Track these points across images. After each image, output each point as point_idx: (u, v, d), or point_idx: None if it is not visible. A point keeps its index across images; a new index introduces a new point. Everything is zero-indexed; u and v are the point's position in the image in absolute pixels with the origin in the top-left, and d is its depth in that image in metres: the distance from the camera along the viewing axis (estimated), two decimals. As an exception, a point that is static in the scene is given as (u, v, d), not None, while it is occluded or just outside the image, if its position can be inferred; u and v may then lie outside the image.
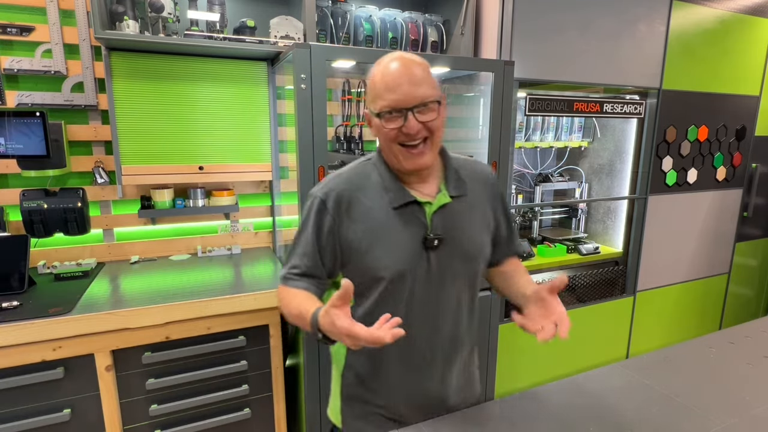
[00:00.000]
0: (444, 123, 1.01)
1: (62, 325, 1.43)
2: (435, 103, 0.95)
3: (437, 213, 1.03)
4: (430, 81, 0.97)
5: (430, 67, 1.00)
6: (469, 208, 1.08)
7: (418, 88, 0.94)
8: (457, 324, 1.09)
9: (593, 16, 2.12)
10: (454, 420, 1.00)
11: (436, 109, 0.96)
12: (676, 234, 2.67)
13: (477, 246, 1.08)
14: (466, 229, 1.06)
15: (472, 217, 1.08)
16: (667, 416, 1.00)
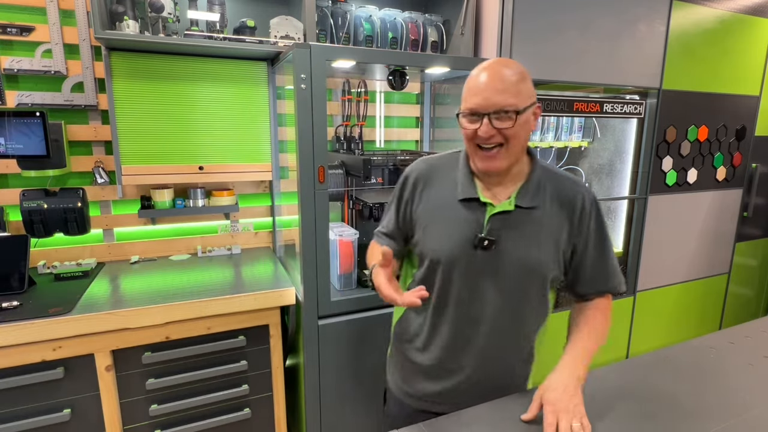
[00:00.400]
0: (527, 132, 1.03)
1: (62, 325, 1.43)
2: (514, 112, 0.98)
3: (497, 217, 1.07)
4: (516, 89, 0.98)
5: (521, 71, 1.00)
6: (537, 223, 1.07)
7: (499, 95, 0.97)
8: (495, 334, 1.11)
9: (593, 16, 2.12)
10: (454, 419, 1.00)
11: (514, 118, 0.98)
12: (676, 234, 2.67)
13: (530, 261, 1.07)
14: (524, 241, 1.07)
15: (536, 232, 1.07)
16: (667, 416, 1.00)
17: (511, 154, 1.03)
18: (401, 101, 2.45)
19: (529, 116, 1.02)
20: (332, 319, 1.71)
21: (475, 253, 1.07)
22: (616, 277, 1.16)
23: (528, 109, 1.01)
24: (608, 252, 1.15)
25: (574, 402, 0.95)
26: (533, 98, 1.02)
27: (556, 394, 0.96)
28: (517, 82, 0.99)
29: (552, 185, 1.10)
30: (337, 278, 1.80)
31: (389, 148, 2.45)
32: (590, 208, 1.12)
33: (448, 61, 1.79)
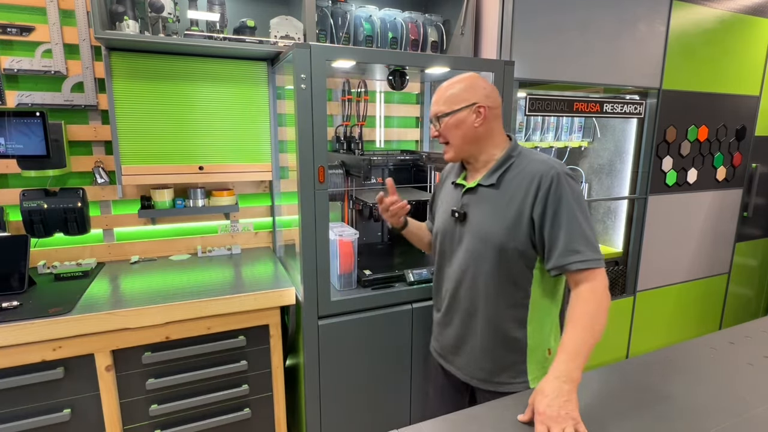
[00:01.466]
0: (465, 129, 1.25)
1: (62, 325, 1.43)
2: (442, 115, 1.26)
3: (467, 194, 1.30)
4: (446, 99, 1.25)
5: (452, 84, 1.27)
6: (499, 199, 1.23)
7: (434, 106, 1.29)
8: (473, 296, 1.29)
9: (593, 16, 2.12)
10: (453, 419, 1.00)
11: (444, 121, 1.26)
12: (676, 234, 2.67)
13: (489, 231, 1.23)
14: (485, 214, 1.25)
15: (497, 206, 1.23)
16: (667, 416, 1.00)
17: (456, 147, 1.28)
18: (401, 101, 2.45)
19: (462, 116, 1.24)
20: (332, 319, 1.71)
21: (455, 224, 1.32)
22: (577, 252, 1.12)
23: (455, 112, 1.24)
24: (568, 224, 1.13)
25: (566, 409, 0.92)
26: (468, 101, 1.23)
27: (547, 401, 0.94)
28: (448, 93, 1.26)
29: (521, 167, 1.23)
30: (337, 278, 1.80)
31: (389, 148, 2.45)
32: (551, 181, 1.16)
33: (448, 61, 1.79)
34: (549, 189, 1.16)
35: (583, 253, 1.12)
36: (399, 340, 1.84)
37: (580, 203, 1.17)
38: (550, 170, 1.17)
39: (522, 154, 1.27)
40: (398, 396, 1.91)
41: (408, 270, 1.86)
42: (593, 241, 1.15)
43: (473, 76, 1.28)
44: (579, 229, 1.14)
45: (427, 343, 1.90)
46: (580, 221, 1.15)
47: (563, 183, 1.16)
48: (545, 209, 1.16)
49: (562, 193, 1.15)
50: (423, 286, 1.84)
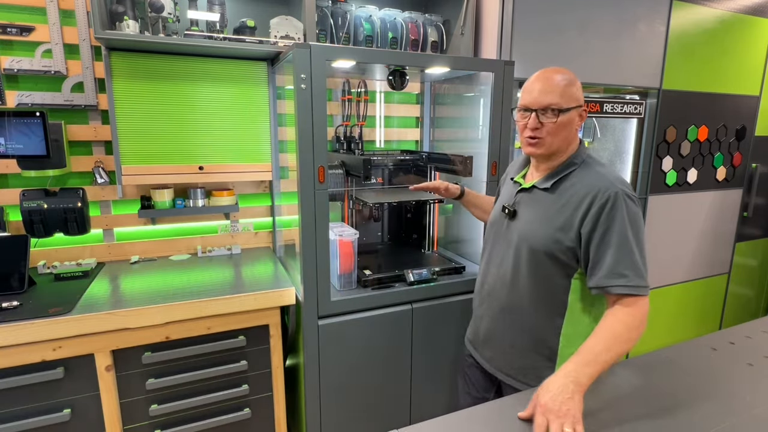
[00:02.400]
0: (569, 129, 1.20)
1: (62, 325, 1.43)
2: (557, 110, 1.17)
3: (522, 192, 1.30)
4: (561, 92, 1.17)
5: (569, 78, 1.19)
6: (551, 204, 1.21)
7: (546, 96, 1.17)
8: (510, 294, 1.29)
9: (593, 16, 2.12)
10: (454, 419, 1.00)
11: (557, 115, 1.17)
12: (676, 234, 2.67)
13: (533, 234, 1.22)
14: (533, 216, 1.24)
15: (547, 211, 1.21)
16: (667, 416, 1.00)
17: (550, 145, 1.21)
18: (401, 101, 2.45)
19: (572, 116, 1.19)
20: (332, 319, 1.71)
21: (504, 220, 1.32)
22: (623, 276, 1.10)
23: (570, 110, 1.18)
24: (618, 247, 1.11)
25: (567, 406, 0.92)
26: (579, 102, 1.20)
27: (550, 395, 0.94)
28: (564, 86, 1.17)
29: (581, 176, 1.20)
30: (337, 278, 1.80)
31: (389, 148, 2.45)
32: (607, 199, 1.12)
33: (448, 61, 1.79)
34: (603, 207, 1.12)
35: (628, 278, 1.10)
36: (399, 340, 1.84)
37: (635, 227, 1.12)
38: (610, 187, 1.13)
39: (585, 163, 1.24)
40: (398, 396, 1.91)
41: (408, 270, 1.86)
42: (641, 267, 1.11)
43: (573, 74, 1.22)
44: (628, 253, 1.11)
45: (427, 343, 1.90)
46: (632, 245, 1.11)
47: (620, 203, 1.12)
48: (595, 227, 1.13)
49: (616, 213, 1.12)
50: (423, 286, 1.84)
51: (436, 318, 1.88)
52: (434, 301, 1.87)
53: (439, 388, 1.97)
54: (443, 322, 1.90)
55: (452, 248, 2.31)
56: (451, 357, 1.95)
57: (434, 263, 2.05)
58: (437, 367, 1.95)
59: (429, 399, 1.97)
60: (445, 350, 1.93)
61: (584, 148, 1.27)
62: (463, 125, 2.19)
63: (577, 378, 0.98)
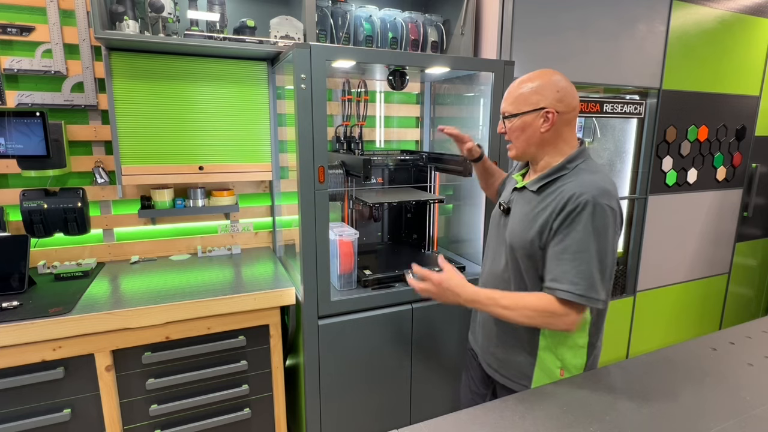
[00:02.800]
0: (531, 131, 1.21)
1: (62, 325, 1.43)
2: (509, 115, 1.24)
3: (516, 191, 1.32)
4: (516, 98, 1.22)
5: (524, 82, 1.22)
6: (534, 207, 1.22)
7: (503, 103, 1.27)
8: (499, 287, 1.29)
9: (593, 16, 2.12)
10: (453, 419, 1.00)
11: (510, 121, 1.24)
12: (676, 234, 2.67)
13: (516, 233, 1.24)
14: (519, 216, 1.26)
15: (529, 213, 1.23)
16: (667, 416, 1.00)
17: (516, 148, 1.27)
18: (401, 101, 2.45)
19: (527, 120, 1.21)
20: (332, 319, 1.71)
21: (501, 216, 1.35)
22: (573, 283, 1.09)
23: (522, 114, 1.21)
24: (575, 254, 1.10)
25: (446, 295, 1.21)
26: (535, 105, 1.19)
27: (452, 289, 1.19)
28: (517, 94, 1.22)
29: (566, 181, 1.19)
30: (337, 278, 1.80)
31: (389, 148, 2.45)
32: (577, 206, 1.11)
33: (448, 61, 1.79)
34: (571, 212, 1.11)
35: (577, 286, 1.09)
36: (399, 340, 1.84)
37: (600, 237, 1.10)
38: (584, 194, 1.11)
39: (578, 168, 1.19)
40: (398, 396, 1.91)
41: (408, 270, 1.85)
42: (595, 278, 1.09)
43: (548, 74, 1.20)
44: (584, 262, 1.09)
45: (427, 343, 1.90)
46: (590, 255, 1.09)
47: (587, 211, 1.10)
48: (559, 228, 1.13)
49: (580, 220, 1.10)
50: (423, 286, 1.84)
51: (436, 318, 1.88)
52: (434, 301, 1.86)
53: (439, 388, 1.97)
54: (443, 322, 1.90)
55: (452, 248, 2.31)
56: (451, 357, 1.95)
57: (434, 263, 2.05)
58: (437, 367, 1.95)
59: (429, 399, 1.97)
60: (445, 350, 1.93)
61: (582, 153, 1.22)
62: (463, 125, 2.19)
63: (467, 295, 1.18)
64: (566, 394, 1.09)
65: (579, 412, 1.01)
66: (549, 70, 1.21)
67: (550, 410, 1.03)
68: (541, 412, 1.02)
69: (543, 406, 1.04)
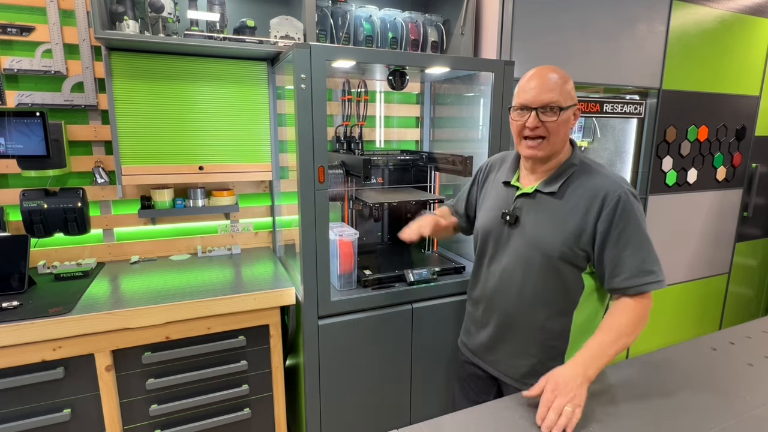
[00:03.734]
0: (566, 128, 1.19)
1: (62, 325, 1.43)
2: (558, 108, 1.15)
3: (522, 198, 1.25)
4: (561, 90, 1.15)
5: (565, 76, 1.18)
6: (559, 209, 1.19)
7: (546, 94, 1.15)
8: (516, 301, 1.25)
9: (593, 16, 2.12)
10: (453, 419, 1.00)
11: (557, 113, 1.15)
12: (676, 234, 2.67)
13: (545, 240, 1.19)
14: (542, 222, 1.21)
15: (556, 216, 1.19)
16: (667, 416, 1.00)
17: (551, 145, 1.19)
18: (401, 101, 2.45)
19: (569, 115, 1.18)
20: (332, 319, 1.71)
21: (503, 226, 1.28)
22: (652, 272, 1.12)
23: (569, 108, 1.17)
24: (638, 245, 1.13)
25: (575, 391, 0.99)
26: (575, 100, 1.19)
27: (563, 378, 1.02)
28: (561, 84, 1.16)
29: (584, 178, 1.19)
30: (337, 278, 1.80)
31: (389, 148, 2.45)
32: (618, 200, 1.13)
33: (448, 61, 1.79)
34: (616, 208, 1.13)
35: (656, 274, 1.12)
36: (399, 340, 1.84)
37: (644, 222, 1.15)
38: (617, 189, 1.14)
39: (584, 164, 1.23)
40: (398, 396, 1.91)
41: (408, 270, 1.86)
42: (660, 261, 1.14)
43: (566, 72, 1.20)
44: (650, 250, 1.13)
45: (427, 343, 1.90)
46: (649, 242, 1.14)
47: (630, 203, 1.13)
48: (610, 228, 1.13)
49: (630, 213, 1.13)
50: (423, 286, 1.84)
51: (436, 318, 1.88)
52: (434, 301, 1.87)
53: (439, 388, 1.97)
54: (443, 322, 1.90)
55: (452, 248, 2.31)
56: (451, 357, 1.95)
57: (434, 263, 2.05)
58: (437, 367, 1.95)
59: (429, 399, 1.97)
60: (445, 350, 1.93)
61: (578, 148, 1.27)
62: (463, 125, 2.19)
63: (586, 370, 1.04)
64: (566, 394, 1.09)
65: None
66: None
67: (550, 410, 1.02)
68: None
69: (543, 406, 1.04)
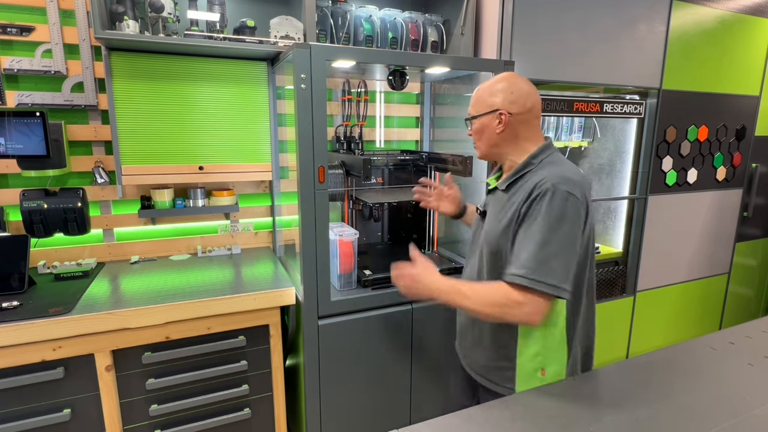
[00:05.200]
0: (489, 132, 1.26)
1: (62, 325, 1.43)
2: (471, 118, 1.31)
3: (489, 194, 1.36)
4: (477, 100, 1.28)
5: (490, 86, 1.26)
6: (505, 202, 1.24)
7: (469, 106, 1.31)
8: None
9: (593, 16, 2.12)
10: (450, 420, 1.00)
11: (470, 124, 1.32)
12: (676, 234, 2.67)
13: (492, 232, 1.24)
14: (491, 216, 1.28)
15: (502, 209, 1.24)
16: (667, 416, 1.00)
17: (480, 149, 1.32)
18: (401, 101, 2.45)
19: (486, 121, 1.26)
20: (332, 319, 1.71)
21: (480, 221, 1.37)
22: (523, 267, 1.07)
23: (481, 116, 1.27)
24: (530, 239, 1.09)
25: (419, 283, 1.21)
26: (492, 107, 1.24)
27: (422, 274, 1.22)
28: (480, 94, 1.28)
29: (531, 175, 1.21)
30: (337, 278, 1.80)
31: (389, 148, 2.45)
32: (540, 192, 1.12)
33: (448, 61, 1.79)
34: (535, 199, 1.12)
35: (527, 269, 1.07)
36: (399, 340, 1.84)
37: (559, 223, 1.08)
38: (546, 182, 1.12)
39: (543, 162, 1.21)
40: (398, 396, 1.91)
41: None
42: (552, 265, 1.06)
43: (508, 77, 1.25)
44: (539, 248, 1.07)
45: (427, 342, 1.90)
46: (546, 241, 1.07)
47: (547, 197, 1.10)
48: (523, 217, 1.14)
49: (541, 206, 1.10)
50: (423, 286, 1.84)
51: (436, 318, 1.88)
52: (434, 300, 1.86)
53: (439, 388, 1.97)
54: (443, 322, 1.90)
55: (452, 248, 2.31)
56: (450, 357, 1.94)
57: (434, 263, 2.04)
58: (437, 367, 1.95)
59: (429, 399, 1.97)
60: (445, 350, 1.93)
61: (546, 148, 1.24)
62: (463, 125, 2.19)
63: (440, 287, 1.18)
64: (566, 394, 1.09)
65: (578, 412, 1.02)
66: (509, 74, 1.26)
67: (549, 410, 1.03)
68: (540, 412, 1.02)
69: (542, 406, 1.04)
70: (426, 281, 1.21)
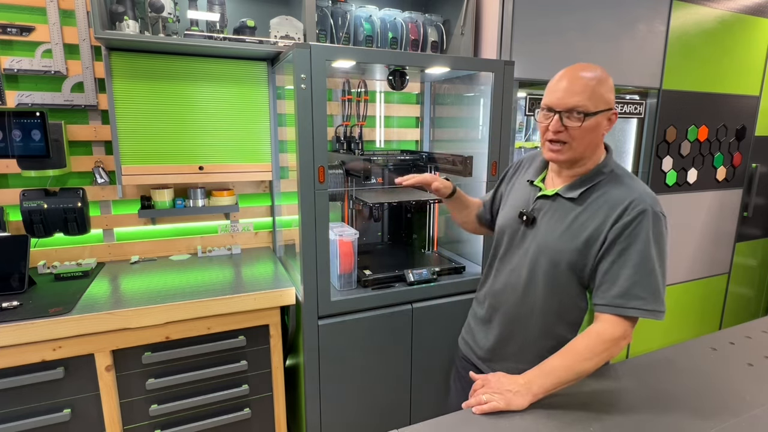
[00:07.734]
0: (596, 134, 1.10)
1: (62, 325, 1.43)
2: (583, 114, 1.06)
3: (542, 199, 1.20)
4: (590, 93, 1.06)
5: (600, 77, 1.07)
6: (576, 215, 1.13)
7: (572, 97, 1.06)
8: (524, 301, 1.21)
9: (593, 16, 2.12)
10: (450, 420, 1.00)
11: (582, 119, 1.06)
12: (676, 234, 2.67)
13: (554, 246, 1.14)
14: (556, 227, 1.15)
15: (572, 223, 1.13)
16: (667, 416, 1.00)
17: (573, 151, 1.11)
18: (401, 101, 2.45)
19: (600, 120, 1.09)
20: (332, 319, 1.71)
21: (520, 225, 1.23)
22: (640, 298, 1.03)
23: (599, 113, 1.08)
24: (637, 266, 1.04)
25: (506, 387, 1.02)
26: (609, 104, 1.09)
27: (499, 379, 1.06)
28: (593, 86, 1.06)
29: (610, 187, 1.12)
30: (337, 278, 1.80)
31: (389, 148, 2.45)
32: (636, 215, 1.05)
33: (448, 61, 1.79)
34: (630, 223, 1.05)
35: (645, 301, 1.03)
36: (399, 340, 1.84)
37: (660, 247, 1.05)
38: (640, 203, 1.06)
39: (614, 173, 1.14)
40: (398, 396, 1.91)
41: (408, 270, 1.86)
42: (660, 290, 1.04)
43: (600, 68, 1.10)
44: (648, 274, 1.04)
45: (427, 343, 1.90)
46: (654, 265, 1.04)
47: (647, 221, 1.04)
48: (618, 238, 1.06)
49: (641, 230, 1.04)
50: (423, 286, 1.84)
51: (436, 318, 1.88)
52: (434, 301, 1.87)
53: (439, 388, 1.97)
54: (443, 322, 1.90)
55: (452, 248, 2.31)
56: (451, 357, 1.94)
57: (434, 263, 2.05)
58: (437, 367, 1.95)
59: (429, 399, 1.97)
60: (445, 350, 1.93)
61: (612, 155, 1.17)
62: (463, 125, 2.19)
63: (529, 384, 1.03)
64: (566, 394, 1.09)
65: (579, 412, 1.02)
66: (597, 66, 1.12)
67: (550, 410, 1.03)
68: (541, 411, 1.02)
69: (543, 405, 1.04)
70: (509, 378, 1.05)
